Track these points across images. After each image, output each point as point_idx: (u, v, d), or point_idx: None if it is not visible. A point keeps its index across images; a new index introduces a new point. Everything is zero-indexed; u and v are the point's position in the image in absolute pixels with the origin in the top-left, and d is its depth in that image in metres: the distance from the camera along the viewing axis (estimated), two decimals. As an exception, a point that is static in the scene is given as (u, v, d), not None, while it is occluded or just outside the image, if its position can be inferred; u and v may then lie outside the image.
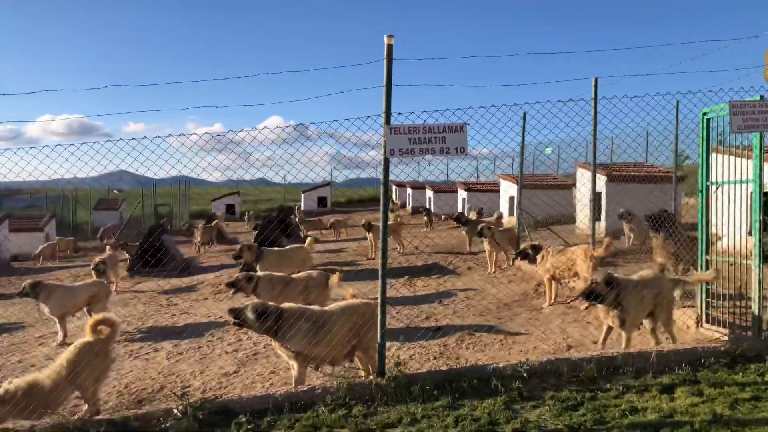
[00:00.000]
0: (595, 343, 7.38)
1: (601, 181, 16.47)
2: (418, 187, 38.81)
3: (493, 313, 9.62)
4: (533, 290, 10.85)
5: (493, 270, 13.12)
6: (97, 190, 42.38)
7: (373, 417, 5.32)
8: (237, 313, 6.01)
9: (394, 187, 48.27)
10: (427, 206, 35.09)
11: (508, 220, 18.99)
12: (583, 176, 17.90)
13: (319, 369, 6.29)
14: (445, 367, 6.77)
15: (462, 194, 30.00)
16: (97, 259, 14.64)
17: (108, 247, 19.73)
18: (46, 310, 9.40)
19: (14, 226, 25.46)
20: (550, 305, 9.55)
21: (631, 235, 14.36)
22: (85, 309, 9.81)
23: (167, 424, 5.28)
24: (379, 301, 5.83)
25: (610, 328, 6.90)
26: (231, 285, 8.83)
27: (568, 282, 9.92)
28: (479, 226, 13.13)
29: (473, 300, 10.58)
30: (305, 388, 5.73)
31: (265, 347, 8.48)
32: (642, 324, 7.07)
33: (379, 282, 5.81)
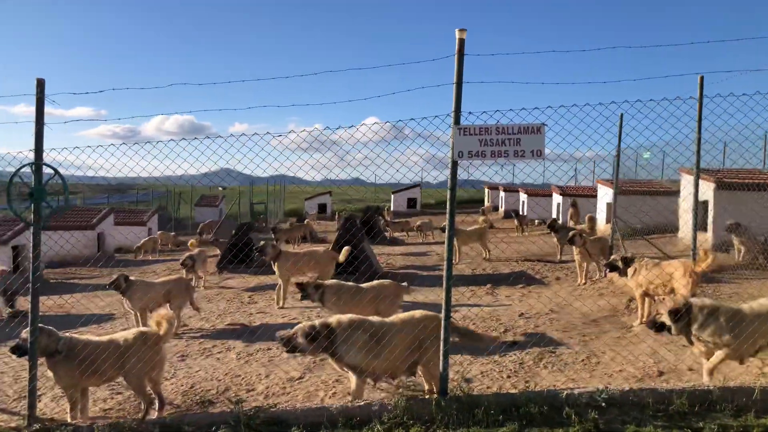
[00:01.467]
0: (691, 370, 6.61)
1: (709, 188, 15.14)
2: (511, 189, 37.80)
3: (578, 329, 8.94)
4: (625, 306, 10.02)
5: (583, 281, 12.31)
6: (200, 187, 44.38)
7: (431, 440, 4.95)
8: (286, 342, 5.82)
9: (486, 190, 47.37)
10: (520, 210, 34.08)
11: (602, 228, 17.91)
12: (687, 182, 16.57)
13: (377, 383, 5.98)
14: (519, 387, 6.30)
15: (557, 198, 28.82)
16: (186, 254, 15.11)
17: (191, 243, 20.40)
18: (127, 303, 9.69)
19: (119, 220, 26.98)
20: (641, 323, 8.74)
21: (742, 249, 13.04)
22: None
23: (219, 432, 5.15)
24: (442, 314, 5.43)
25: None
26: (300, 288, 8.70)
27: (663, 299, 9.05)
28: (570, 234, 12.33)
29: (558, 314, 9.90)
30: (361, 403, 5.43)
31: (333, 353, 8.28)
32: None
33: (443, 295, 5.40)
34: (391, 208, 45.20)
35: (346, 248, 11.62)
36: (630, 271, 8.86)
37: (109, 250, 24.24)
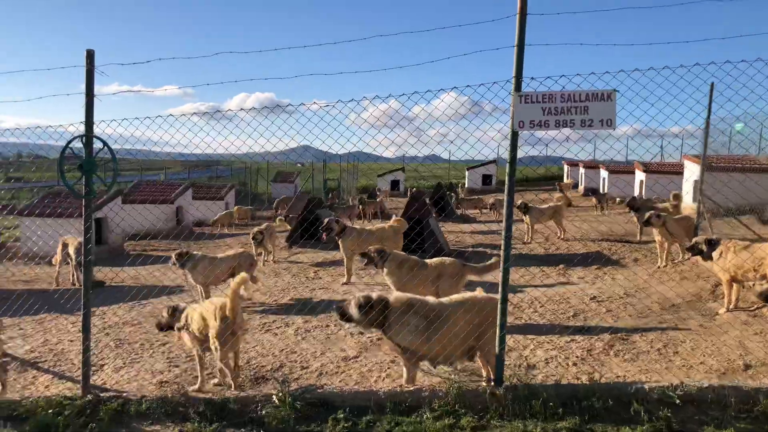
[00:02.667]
0: (783, 365, 5.94)
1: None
2: (592, 166, 36.23)
3: (655, 314, 8.30)
4: (710, 291, 9.24)
5: (663, 264, 11.49)
6: (278, 162, 45.12)
7: (482, 431, 4.62)
8: (342, 310, 5.63)
9: (565, 166, 45.73)
10: (601, 187, 32.63)
11: (687, 207, 16.73)
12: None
13: (435, 368, 5.69)
14: (584, 377, 5.85)
15: (639, 176, 27.33)
16: (255, 229, 15.26)
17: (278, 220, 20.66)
18: (191, 279, 9.80)
19: (198, 195, 27.74)
20: (728, 311, 8.01)
21: None
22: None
23: (264, 411, 5.02)
24: (499, 297, 5.05)
25: None
26: (364, 255, 8.54)
27: (754, 285, 8.25)
28: (646, 214, 11.51)
29: (634, 297, 9.25)
30: (411, 389, 5.16)
31: (392, 332, 8.05)
32: None
33: (500, 276, 5.02)
34: (465, 185, 44.43)
35: (397, 219, 11.39)
36: (715, 254, 8.10)
37: (188, 223, 24.95)
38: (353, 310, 5.44)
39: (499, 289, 5.04)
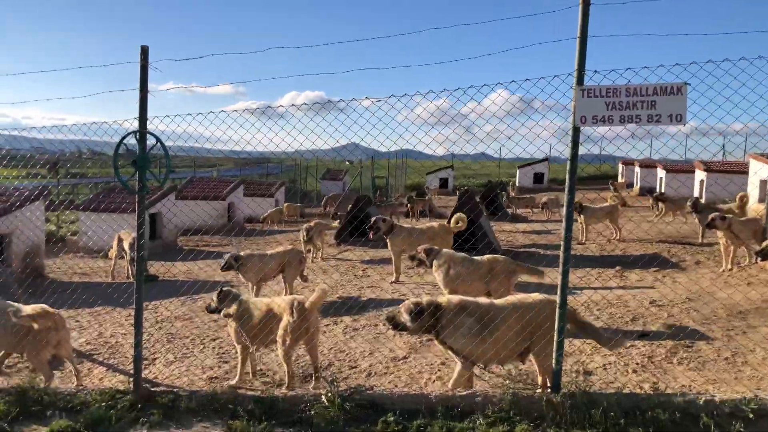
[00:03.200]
0: None
1: None
2: (648, 165, 35.10)
3: (721, 321, 7.87)
4: (782, 298, 8.73)
5: (729, 267, 10.93)
6: (327, 160, 45.43)
7: (541, 441, 4.42)
8: (390, 318, 5.56)
9: (620, 165, 44.48)
10: (658, 187, 31.61)
11: (755, 208, 15.93)
12: None
13: (486, 369, 5.52)
14: (646, 386, 5.57)
15: (700, 175, 26.27)
16: (306, 226, 15.31)
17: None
18: (243, 278, 9.85)
19: (249, 192, 28.09)
20: (802, 320, 7.54)
21: None
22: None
23: (313, 411, 4.94)
24: (557, 300, 4.83)
25: None
26: (412, 258, 8.41)
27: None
28: (710, 216, 10.98)
29: (696, 303, 8.81)
30: (464, 393, 4.99)
31: (442, 333, 7.88)
32: None
33: (559, 279, 4.79)
34: (517, 184, 43.75)
35: (458, 214, 11.14)
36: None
37: (239, 219, 25.30)
38: (404, 318, 5.34)
39: (558, 292, 4.81)
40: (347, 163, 49.27)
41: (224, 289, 6.59)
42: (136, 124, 5.36)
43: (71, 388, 5.65)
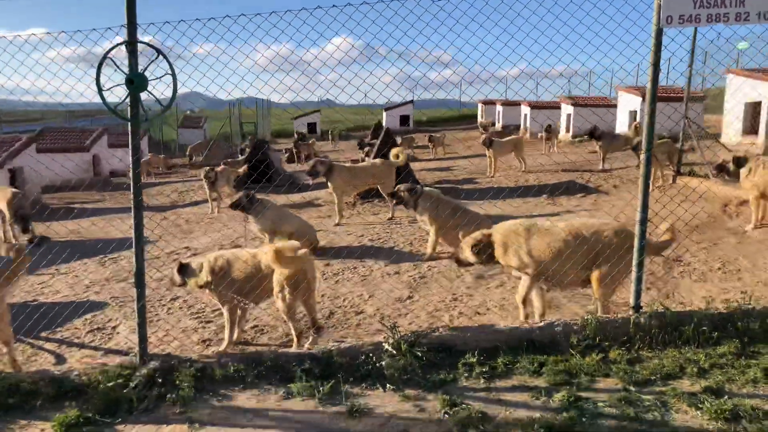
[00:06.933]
0: None
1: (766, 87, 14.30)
2: (510, 103, 36.58)
3: (685, 236, 8.19)
4: (721, 212, 9.30)
5: (651, 189, 11.51)
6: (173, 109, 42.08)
7: (640, 364, 4.17)
8: (457, 259, 5.47)
9: (479, 105, 46.11)
10: (522, 124, 33.15)
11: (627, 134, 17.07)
12: (732, 84, 15.72)
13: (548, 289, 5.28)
14: (667, 302, 5.55)
15: (567, 110, 27.81)
16: (207, 168, 13.96)
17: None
18: (256, 227, 8.56)
19: (113, 141, 25.30)
20: (755, 227, 8.04)
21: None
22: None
23: (382, 362, 4.30)
24: (638, 217, 4.57)
25: None
26: (392, 196, 7.80)
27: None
28: (636, 140, 11.45)
29: (650, 222, 9.12)
30: (541, 324, 4.62)
31: (429, 269, 7.45)
32: None
33: (640, 195, 4.54)
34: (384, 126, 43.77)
35: (397, 148, 10.65)
36: (744, 171, 8.07)
37: (104, 173, 22.74)
38: (468, 254, 5.18)
39: (638, 209, 4.55)
40: (188, 112, 46.33)
41: (183, 263, 5.49)
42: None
43: (56, 372, 4.48)
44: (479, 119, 45.07)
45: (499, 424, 3.59)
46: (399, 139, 24.40)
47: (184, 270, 5.43)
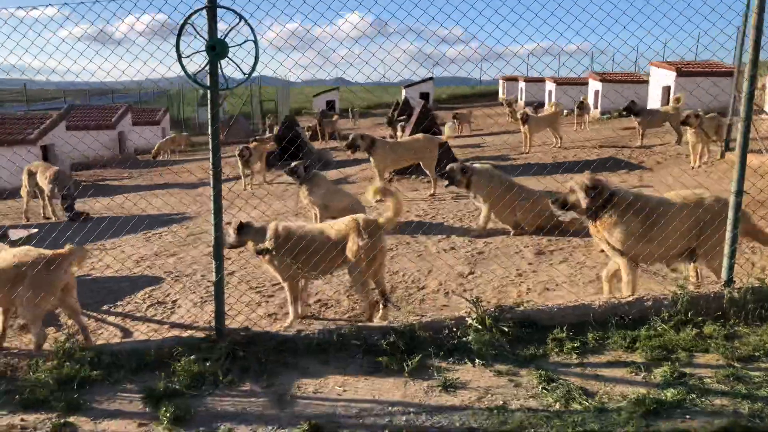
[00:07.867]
0: None
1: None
2: (533, 80, 36.07)
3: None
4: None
5: (697, 164, 11.26)
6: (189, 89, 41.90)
7: (738, 340, 4.02)
8: (558, 200, 5.32)
9: (501, 82, 45.56)
10: (546, 100, 32.64)
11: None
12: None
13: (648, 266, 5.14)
14: None
15: (595, 86, 27.33)
16: (242, 146, 13.85)
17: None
18: (308, 198, 8.32)
19: (136, 119, 25.25)
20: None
21: None
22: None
23: (468, 337, 4.19)
24: (733, 188, 4.37)
25: None
26: (442, 176, 7.60)
27: None
28: (685, 113, 11.15)
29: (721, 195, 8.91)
30: (631, 299, 4.46)
31: (485, 245, 7.31)
32: None
33: (736, 167, 4.34)
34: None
35: (448, 123, 10.46)
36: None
37: (130, 150, 22.71)
38: (581, 195, 4.94)
39: (734, 178, 4.36)
40: (200, 91, 46.06)
41: (243, 222, 5.29)
42: None
43: (136, 344, 4.42)
44: (500, 96, 44.59)
45: (602, 400, 3.47)
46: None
47: (244, 229, 5.23)
